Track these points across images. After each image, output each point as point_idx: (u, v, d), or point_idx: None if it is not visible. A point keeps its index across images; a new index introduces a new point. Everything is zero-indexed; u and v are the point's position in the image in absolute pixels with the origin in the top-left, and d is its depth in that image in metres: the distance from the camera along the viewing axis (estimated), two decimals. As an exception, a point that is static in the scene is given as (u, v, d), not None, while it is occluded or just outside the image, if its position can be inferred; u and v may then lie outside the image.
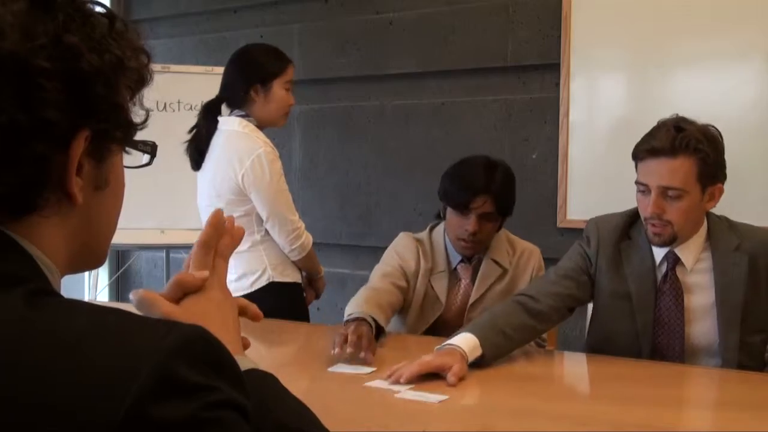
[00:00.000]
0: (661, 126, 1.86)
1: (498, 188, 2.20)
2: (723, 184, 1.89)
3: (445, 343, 1.78)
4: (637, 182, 1.90)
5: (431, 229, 2.38)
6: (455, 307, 2.30)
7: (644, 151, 1.85)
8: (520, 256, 2.35)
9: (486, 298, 2.28)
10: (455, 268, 2.32)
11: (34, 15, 0.66)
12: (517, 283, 2.31)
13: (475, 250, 2.27)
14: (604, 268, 2.00)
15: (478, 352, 1.77)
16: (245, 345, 0.86)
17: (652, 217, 1.86)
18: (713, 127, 1.88)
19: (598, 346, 2.07)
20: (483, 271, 2.29)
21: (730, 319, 1.89)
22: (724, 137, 1.89)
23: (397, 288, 2.23)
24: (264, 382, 0.80)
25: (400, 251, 2.31)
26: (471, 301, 2.28)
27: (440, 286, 2.29)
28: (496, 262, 2.30)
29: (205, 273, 0.83)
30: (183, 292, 0.82)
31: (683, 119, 1.87)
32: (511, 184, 2.29)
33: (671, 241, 1.89)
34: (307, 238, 2.54)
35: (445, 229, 2.32)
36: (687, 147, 1.80)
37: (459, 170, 2.24)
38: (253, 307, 0.92)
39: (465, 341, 1.76)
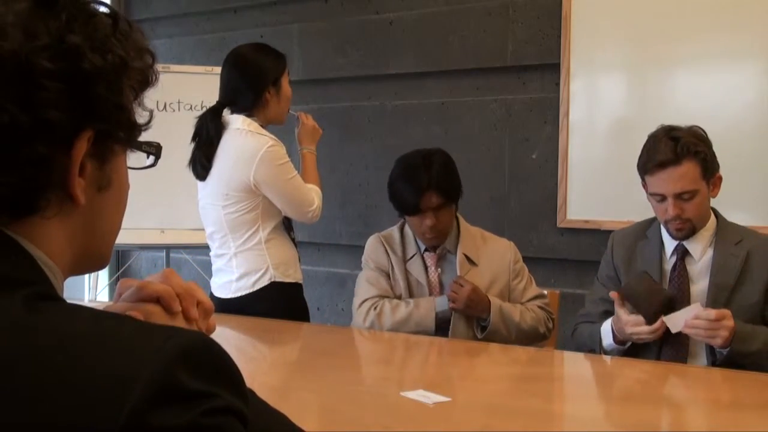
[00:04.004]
0: (657, 140, 2.04)
1: (439, 179, 2.27)
2: (719, 171, 2.08)
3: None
4: (651, 194, 2.08)
5: (404, 222, 2.45)
6: (434, 290, 2.39)
7: (652, 166, 2.03)
8: (494, 251, 2.42)
9: None
10: (423, 255, 2.43)
11: (37, 15, 0.65)
12: (495, 276, 2.37)
13: (440, 240, 2.37)
14: (622, 268, 2.20)
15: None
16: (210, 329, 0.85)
17: (674, 219, 2.04)
18: (697, 126, 2.07)
19: None
20: (458, 263, 2.37)
21: (717, 298, 2.03)
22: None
23: (386, 283, 2.39)
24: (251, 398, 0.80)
25: (370, 255, 2.45)
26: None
27: (416, 269, 2.39)
28: (467, 258, 2.38)
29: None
30: None
31: (671, 128, 2.06)
32: (450, 168, 2.36)
33: (692, 233, 2.09)
34: (319, 207, 2.57)
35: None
36: (688, 152, 1.99)
37: (399, 177, 2.32)
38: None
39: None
